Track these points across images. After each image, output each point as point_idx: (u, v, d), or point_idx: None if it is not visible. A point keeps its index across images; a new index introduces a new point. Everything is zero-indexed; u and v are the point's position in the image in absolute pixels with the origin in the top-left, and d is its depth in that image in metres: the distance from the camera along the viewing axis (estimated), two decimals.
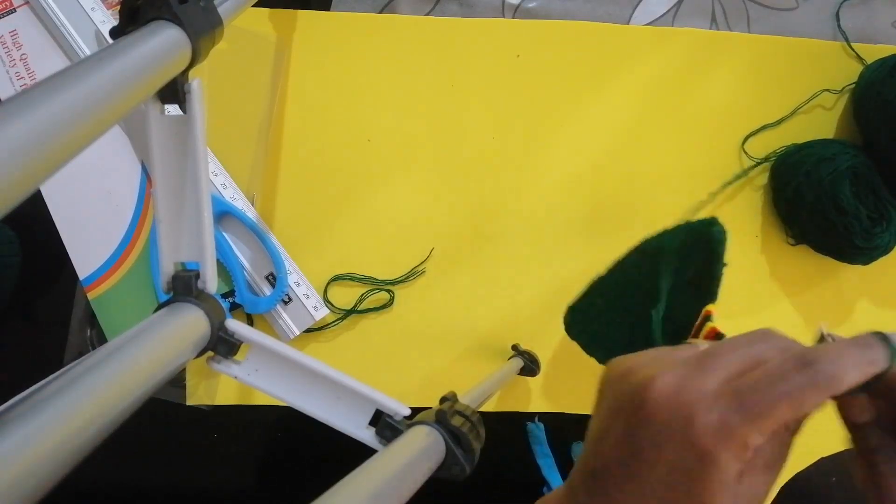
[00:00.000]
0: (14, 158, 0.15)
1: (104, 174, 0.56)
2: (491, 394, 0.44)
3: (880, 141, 0.56)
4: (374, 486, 0.21)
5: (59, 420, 0.17)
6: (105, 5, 0.55)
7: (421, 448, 0.24)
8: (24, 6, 0.56)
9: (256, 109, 0.57)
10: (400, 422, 0.25)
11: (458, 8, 0.59)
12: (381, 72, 0.58)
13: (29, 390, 0.18)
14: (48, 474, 0.16)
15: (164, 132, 0.25)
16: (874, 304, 0.62)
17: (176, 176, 0.26)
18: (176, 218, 0.26)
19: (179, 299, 0.24)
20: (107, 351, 0.20)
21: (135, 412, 0.20)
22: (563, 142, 0.58)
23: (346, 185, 0.58)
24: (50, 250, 0.57)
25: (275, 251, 0.54)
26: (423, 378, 0.58)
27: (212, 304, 0.25)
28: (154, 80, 0.23)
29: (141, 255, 0.56)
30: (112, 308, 0.56)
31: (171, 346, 0.22)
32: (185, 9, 0.24)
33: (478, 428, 0.27)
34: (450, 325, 0.58)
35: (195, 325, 0.24)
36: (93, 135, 0.19)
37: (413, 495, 0.22)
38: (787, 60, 0.61)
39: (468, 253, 0.58)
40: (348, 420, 0.25)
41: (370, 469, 0.22)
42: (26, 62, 0.56)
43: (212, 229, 0.26)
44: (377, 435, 0.25)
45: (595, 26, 0.59)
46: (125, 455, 0.44)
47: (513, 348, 0.57)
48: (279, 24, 0.57)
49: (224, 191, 0.55)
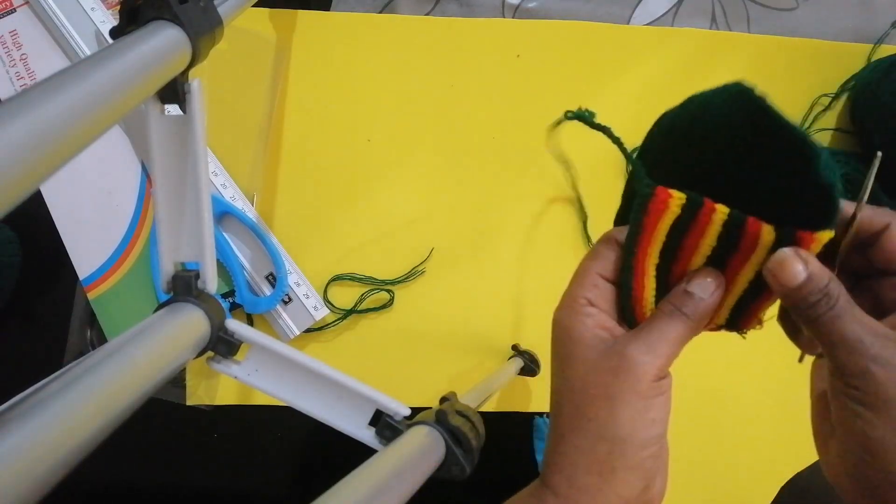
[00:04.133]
0: (14, 158, 0.15)
1: (104, 174, 0.56)
2: (491, 394, 0.44)
3: (875, 142, 0.56)
4: (374, 486, 0.21)
5: (59, 420, 0.17)
6: (105, 5, 0.55)
7: (421, 448, 0.24)
8: (24, 6, 0.56)
9: (256, 109, 0.57)
10: (400, 422, 0.25)
11: (458, 8, 0.59)
12: (381, 72, 0.58)
13: (29, 390, 0.18)
14: (48, 474, 0.16)
15: (164, 132, 0.25)
16: None
17: (176, 176, 0.26)
18: (176, 218, 0.26)
19: (179, 299, 0.24)
20: (107, 351, 0.20)
21: (135, 412, 0.20)
22: (562, 141, 0.58)
23: (346, 185, 0.58)
24: (50, 250, 0.57)
25: (275, 251, 0.54)
26: (423, 378, 0.58)
27: (212, 304, 0.25)
28: (154, 80, 0.23)
29: (141, 255, 0.56)
30: (112, 308, 0.56)
31: (171, 346, 0.22)
32: (185, 9, 0.24)
33: (478, 428, 0.27)
34: (450, 325, 0.58)
35: (195, 325, 0.24)
36: (93, 135, 0.19)
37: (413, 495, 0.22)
38: (787, 60, 0.61)
39: (468, 253, 0.58)
40: (348, 420, 0.25)
41: (370, 469, 0.22)
42: (26, 62, 0.56)
43: (212, 229, 0.26)
44: (377, 435, 0.25)
45: (595, 26, 0.59)
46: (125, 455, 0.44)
47: (513, 348, 0.57)
48: (279, 24, 0.58)
49: (224, 191, 0.55)
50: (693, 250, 0.29)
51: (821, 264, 0.26)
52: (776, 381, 0.60)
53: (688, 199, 0.27)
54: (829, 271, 0.26)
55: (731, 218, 0.27)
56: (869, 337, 0.25)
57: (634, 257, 0.29)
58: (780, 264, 0.26)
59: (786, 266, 0.26)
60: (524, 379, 0.58)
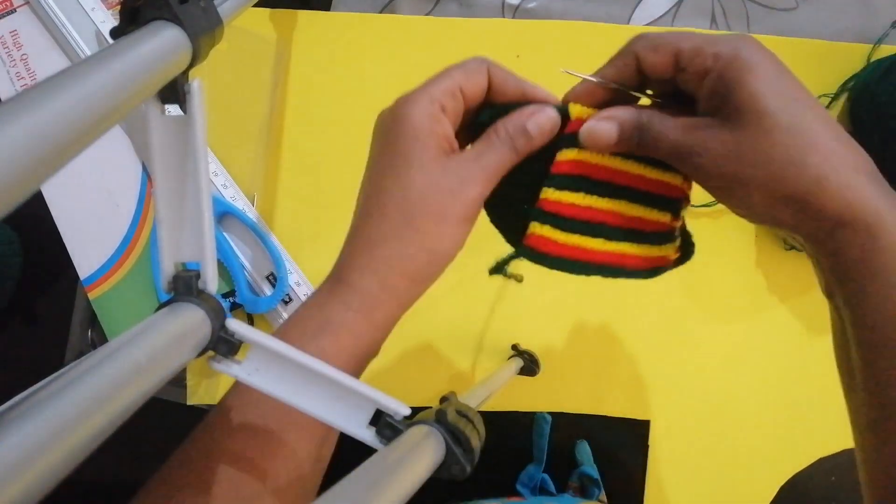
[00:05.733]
0: (14, 158, 0.15)
1: (104, 174, 0.56)
2: (491, 394, 0.44)
3: (874, 142, 0.56)
4: (374, 485, 0.21)
5: (59, 420, 0.17)
6: (105, 5, 0.55)
7: (421, 448, 0.24)
8: (24, 6, 0.56)
9: (256, 109, 0.57)
10: (400, 422, 0.25)
11: (458, 8, 0.59)
12: (381, 72, 0.58)
13: (29, 390, 0.18)
14: (48, 474, 0.16)
15: (164, 132, 0.25)
16: None
17: (176, 176, 0.26)
18: (176, 218, 0.26)
19: (180, 299, 0.24)
20: (107, 351, 0.20)
21: (135, 412, 0.20)
22: None
23: (346, 185, 0.58)
24: (50, 250, 0.57)
25: (275, 251, 0.54)
26: (423, 378, 0.58)
27: (213, 304, 0.25)
28: (154, 81, 0.23)
29: (141, 255, 0.56)
30: (113, 308, 0.56)
31: (172, 347, 0.22)
32: (186, 9, 0.24)
33: (478, 428, 0.27)
34: (450, 325, 0.58)
35: (196, 325, 0.24)
36: (93, 135, 0.19)
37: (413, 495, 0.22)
38: (787, 60, 0.60)
39: (468, 252, 0.58)
40: (348, 420, 0.25)
41: (370, 469, 0.22)
42: (26, 62, 0.56)
43: (213, 229, 0.26)
44: (377, 435, 0.25)
45: (595, 26, 0.59)
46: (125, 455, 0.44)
47: (513, 348, 0.57)
48: (279, 24, 0.58)
49: (225, 191, 0.55)
50: (585, 211, 0.32)
51: (623, 108, 0.29)
52: (776, 381, 0.60)
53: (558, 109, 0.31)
54: (631, 108, 0.29)
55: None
56: (681, 136, 0.28)
57: (575, 262, 0.32)
58: (589, 135, 0.29)
59: (595, 132, 0.29)
60: (524, 379, 0.58)
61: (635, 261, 0.32)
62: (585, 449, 0.60)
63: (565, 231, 0.32)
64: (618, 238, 0.32)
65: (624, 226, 0.32)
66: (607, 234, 0.32)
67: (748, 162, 0.26)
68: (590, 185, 0.31)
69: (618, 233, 0.32)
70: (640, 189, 0.31)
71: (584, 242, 0.32)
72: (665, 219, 0.32)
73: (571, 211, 0.31)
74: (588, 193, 0.31)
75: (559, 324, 0.58)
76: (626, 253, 0.32)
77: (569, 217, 0.31)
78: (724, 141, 0.27)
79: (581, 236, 0.32)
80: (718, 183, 0.28)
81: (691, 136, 0.27)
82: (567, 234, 0.31)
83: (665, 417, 0.60)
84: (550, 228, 0.32)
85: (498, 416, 0.59)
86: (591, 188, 0.31)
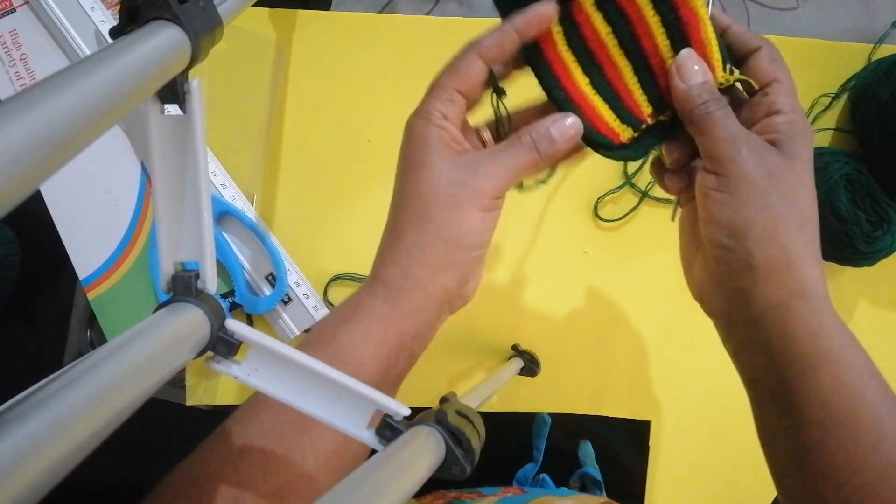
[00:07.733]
0: (14, 158, 0.15)
1: (104, 174, 0.56)
2: (491, 394, 0.44)
3: (874, 142, 0.56)
4: (374, 485, 0.21)
5: (59, 420, 0.17)
6: (105, 5, 0.55)
7: (421, 448, 0.24)
8: (24, 6, 0.56)
9: (256, 109, 0.57)
10: (400, 422, 0.25)
11: (458, 8, 0.59)
12: (381, 72, 0.58)
13: (29, 390, 0.18)
14: (48, 474, 0.16)
15: (164, 132, 0.25)
16: (875, 304, 0.62)
17: (176, 176, 0.26)
18: (176, 218, 0.26)
19: (179, 299, 0.24)
20: (107, 351, 0.20)
21: (135, 412, 0.20)
22: None
23: (346, 185, 0.58)
24: (50, 250, 0.57)
25: (275, 251, 0.54)
26: (423, 378, 0.58)
27: (212, 304, 0.25)
28: (154, 80, 0.23)
29: (141, 255, 0.56)
30: (112, 308, 0.56)
31: (171, 347, 0.22)
32: (185, 9, 0.24)
33: (478, 428, 0.27)
34: (450, 325, 0.58)
35: (195, 325, 0.24)
36: (92, 135, 0.19)
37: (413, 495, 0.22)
38: (787, 60, 0.60)
39: None
40: (348, 420, 0.25)
41: (370, 469, 0.22)
42: (26, 62, 0.56)
43: (212, 229, 0.26)
44: (377, 435, 0.25)
45: None
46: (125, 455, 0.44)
47: (513, 348, 0.57)
48: (279, 24, 0.57)
49: (224, 191, 0.55)
50: (597, 43, 0.32)
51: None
52: None
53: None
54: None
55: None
56: (743, 133, 0.30)
57: (558, 81, 0.32)
58: (683, 63, 0.31)
59: (687, 64, 0.31)
60: (524, 379, 0.58)
61: (599, 122, 0.33)
62: (589, 449, 0.60)
63: (570, 47, 0.33)
64: (602, 91, 0.33)
65: (613, 83, 0.33)
66: (597, 80, 0.33)
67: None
68: (615, 16, 0.32)
69: (605, 87, 0.33)
70: (649, 61, 0.32)
71: (575, 71, 0.33)
72: (647, 109, 0.33)
73: (589, 32, 0.32)
74: (608, 23, 0.32)
75: (559, 324, 0.58)
76: (598, 108, 0.33)
77: (582, 36, 0.32)
78: (764, 162, 0.30)
79: (578, 65, 0.33)
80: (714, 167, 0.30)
81: (751, 139, 0.30)
82: (570, 52, 0.33)
83: (665, 418, 0.60)
84: (561, 33, 0.32)
85: (498, 417, 0.59)
86: (615, 19, 0.32)
